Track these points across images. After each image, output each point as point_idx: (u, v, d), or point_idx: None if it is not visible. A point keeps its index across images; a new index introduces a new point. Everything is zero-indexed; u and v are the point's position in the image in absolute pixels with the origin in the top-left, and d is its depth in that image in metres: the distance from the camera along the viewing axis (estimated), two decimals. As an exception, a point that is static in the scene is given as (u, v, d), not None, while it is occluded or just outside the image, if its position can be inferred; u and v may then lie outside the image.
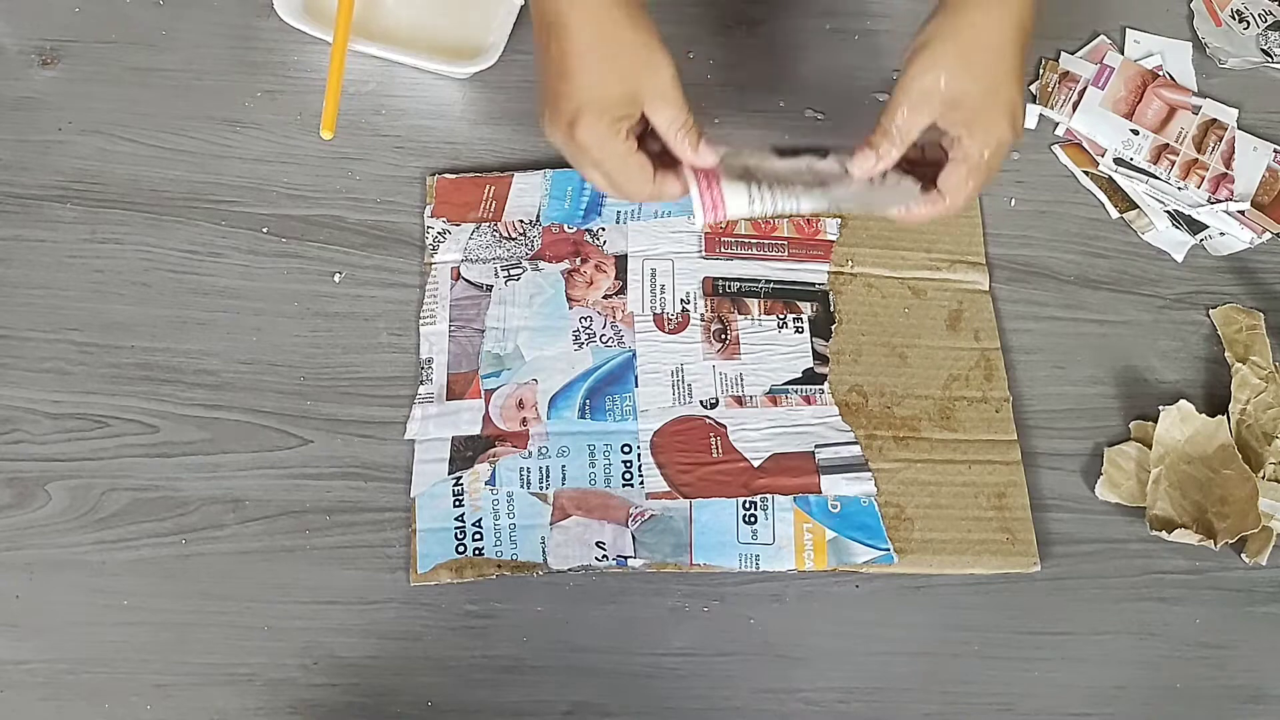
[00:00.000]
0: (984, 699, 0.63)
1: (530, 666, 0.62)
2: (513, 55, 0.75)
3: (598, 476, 0.65)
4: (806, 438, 0.67)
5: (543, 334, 0.68)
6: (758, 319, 0.70)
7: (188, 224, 0.71)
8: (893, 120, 0.62)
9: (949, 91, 0.62)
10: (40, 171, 0.71)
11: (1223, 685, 0.65)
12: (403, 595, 0.62)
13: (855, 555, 0.64)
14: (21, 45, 0.75)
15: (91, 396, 0.65)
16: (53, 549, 0.62)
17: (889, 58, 0.73)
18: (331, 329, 0.68)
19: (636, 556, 0.63)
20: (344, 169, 0.73)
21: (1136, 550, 0.67)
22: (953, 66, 0.62)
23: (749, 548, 0.63)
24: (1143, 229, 0.77)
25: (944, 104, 0.62)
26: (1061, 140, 0.80)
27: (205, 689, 0.60)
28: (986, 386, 0.70)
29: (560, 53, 0.60)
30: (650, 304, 0.70)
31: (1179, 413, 0.68)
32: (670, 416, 0.67)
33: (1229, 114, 0.80)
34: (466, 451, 0.65)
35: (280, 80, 0.76)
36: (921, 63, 0.62)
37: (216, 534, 0.63)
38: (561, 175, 0.73)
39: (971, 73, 0.62)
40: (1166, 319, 0.74)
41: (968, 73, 0.62)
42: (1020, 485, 0.67)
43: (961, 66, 0.62)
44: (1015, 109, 0.62)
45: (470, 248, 0.71)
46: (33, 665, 0.59)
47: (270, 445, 0.65)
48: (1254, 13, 0.85)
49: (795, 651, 0.63)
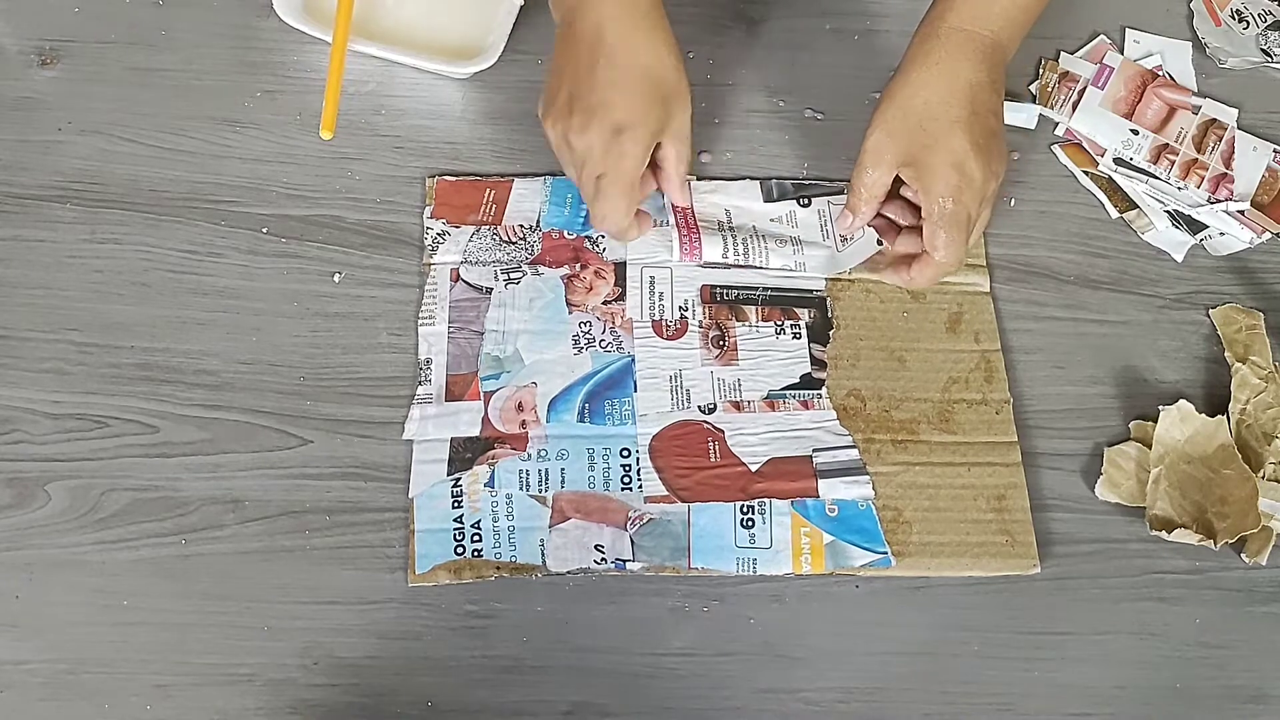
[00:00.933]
0: (984, 699, 0.63)
1: (530, 666, 0.62)
2: (513, 55, 0.75)
3: (597, 480, 0.65)
4: (804, 442, 0.67)
5: (542, 338, 0.68)
6: (755, 325, 0.70)
7: (187, 224, 0.71)
8: (860, 180, 0.68)
9: (897, 148, 0.67)
10: (40, 171, 0.71)
11: (1223, 685, 0.65)
12: (403, 595, 0.62)
13: (853, 559, 0.64)
14: (21, 45, 0.76)
15: (91, 396, 0.65)
16: (53, 549, 0.62)
17: (889, 58, 0.73)
18: (331, 329, 0.68)
19: (635, 560, 0.63)
20: (344, 169, 0.73)
21: (1136, 550, 0.67)
22: (894, 124, 0.67)
23: (746, 552, 0.63)
24: (1142, 229, 0.77)
25: (897, 161, 0.67)
26: (1061, 140, 0.80)
27: (205, 689, 0.60)
28: (987, 388, 0.70)
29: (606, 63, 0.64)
30: (649, 310, 0.70)
31: (1179, 413, 0.68)
32: (669, 421, 0.67)
33: (1229, 114, 0.80)
34: (465, 453, 0.65)
35: (280, 80, 0.76)
36: (873, 122, 0.68)
37: (216, 534, 0.63)
38: (562, 182, 0.74)
39: (909, 129, 0.67)
40: (1166, 319, 0.74)
41: (907, 130, 0.67)
42: (1020, 487, 0.67)
43: (902, 124, 0.67)
44: (961, 158, 0.66)
45: (470, 250, 0.71)
46: (33, 665, 0.60)
47: (270, 445, 0.65)
48: (1254, 13, 0.85)
49: (795, 651, 0.63)
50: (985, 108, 0.67)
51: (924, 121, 0.66)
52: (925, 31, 0.69)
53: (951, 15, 0.68)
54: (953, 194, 0.65)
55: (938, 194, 0.66)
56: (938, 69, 0.67)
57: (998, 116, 0.69)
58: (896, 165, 0.67)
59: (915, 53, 0.68)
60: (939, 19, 0.68)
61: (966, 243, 0.67)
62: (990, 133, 0.67)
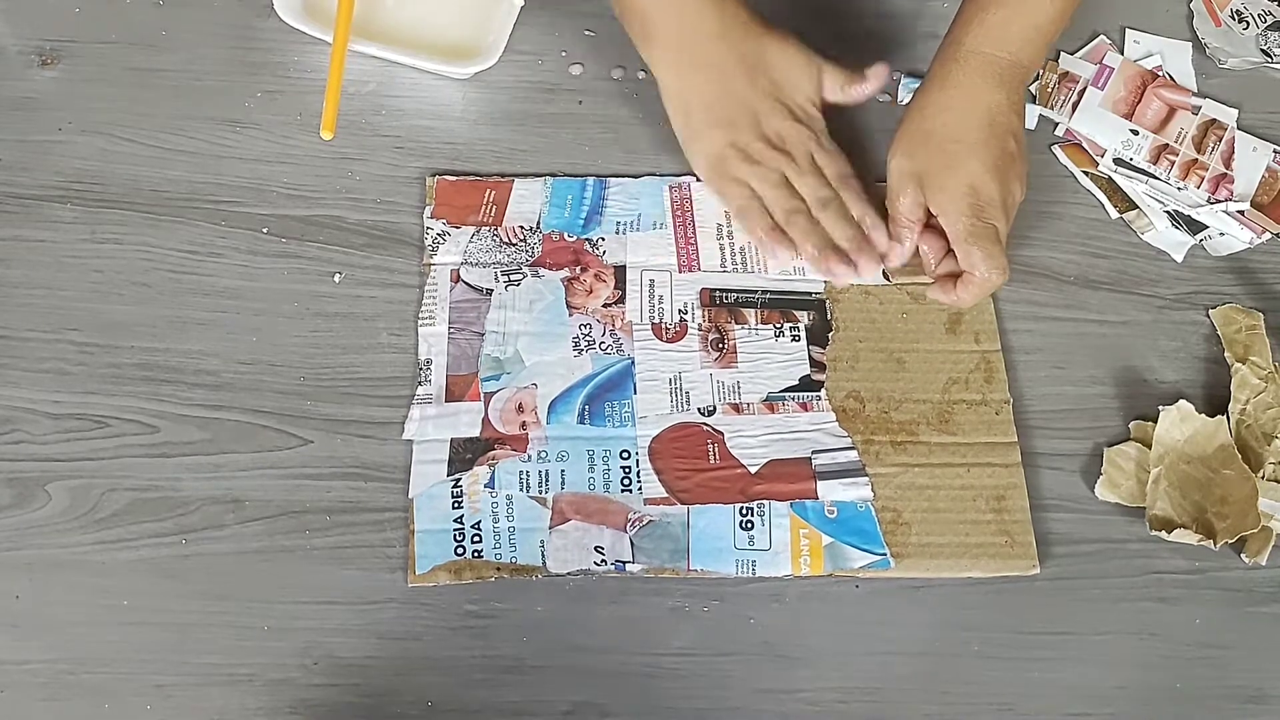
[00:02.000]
0: (984, 699, 0.63)
1: (530, 666, 0.62)
2: (513, 55, 0.76)
3: (597, 481, 0.65)
4: (803, 444, 0.67)
5: (543, 339, 0.68)
6: (754, 328, 0.70)
7: (187, 224, 0.71)
8: (895, 207, 0.70)
9: (917, 170, 0.69)
10: (40, 171, 0.71)
11: (1223, 685, 0.65)
12: (403, 595, 0.62)
13: (851, 560, 0.64)
14: (21, 45, 0.76)
15: (91, 396, 0.65)
16: (53, 549, 0.62)
17: (889, 58, 0.73)
18: (331, 329, 0.68)
19: (635, 562, 0.63)
20: (344, 169, 0.73)
21: (1136, 550, 0.67)
22: (914, 147, 0.69)
23: (745, 553, 0.63)
24: (1142, 229, 0.77)
25: (920, 184, 0.68)
26: (1061, 140, 0.80)
27: (205, 689, 0.60)
28: (986, 389, 0.70)
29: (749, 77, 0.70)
30: (649, 313, 0.70)
31: (1179, 413, 0.68)
32: (668, 423, 0.67)
33: (1229, 114, 0.80)
34: (465, 454, 0.65)
35: (280, 80, 0.76)
36: (893, 148, 0.70)
37: (216, 534, 0.63)
38: (562, 183, 0.74)
39: (929, 152, 0.69)
40: (1166, 319, 0.74)
41: (927, 153, 0.69)
42: (1020, 488, 0.67)
43: (922, 146, 0.69)
44: (977, 180, 0.67)
45: (470, 251, 0.71)
46: (33, 665, 0.59)
47: (270, 445, 0.65)
48: (1254, 13, 0.85)
49: (795, 651, 0.63)
50: (1003, 129, 0.68)
51: (943, 144, 0.68)
52: (945, 55, 0.70)
53: (969, 39, 0.69)
54: (972, 212, 0.67)
55: (957, 213, 0.67)
56: (956, 91, 0.68)
57: (1016, 138, 0.69)
58: (921, 186, 0.68)
59: (935, 75, 0.69)
60: (957, 42, 0.69)
61: (1003, 254, 0.67)
62: (1008, 155, 0.68)
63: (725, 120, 0.70)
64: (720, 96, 0.70)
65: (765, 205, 0.70)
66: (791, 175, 0.70)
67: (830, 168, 0.70)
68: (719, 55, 0.69)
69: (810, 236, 0.69)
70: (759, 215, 0.70)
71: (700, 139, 0.71)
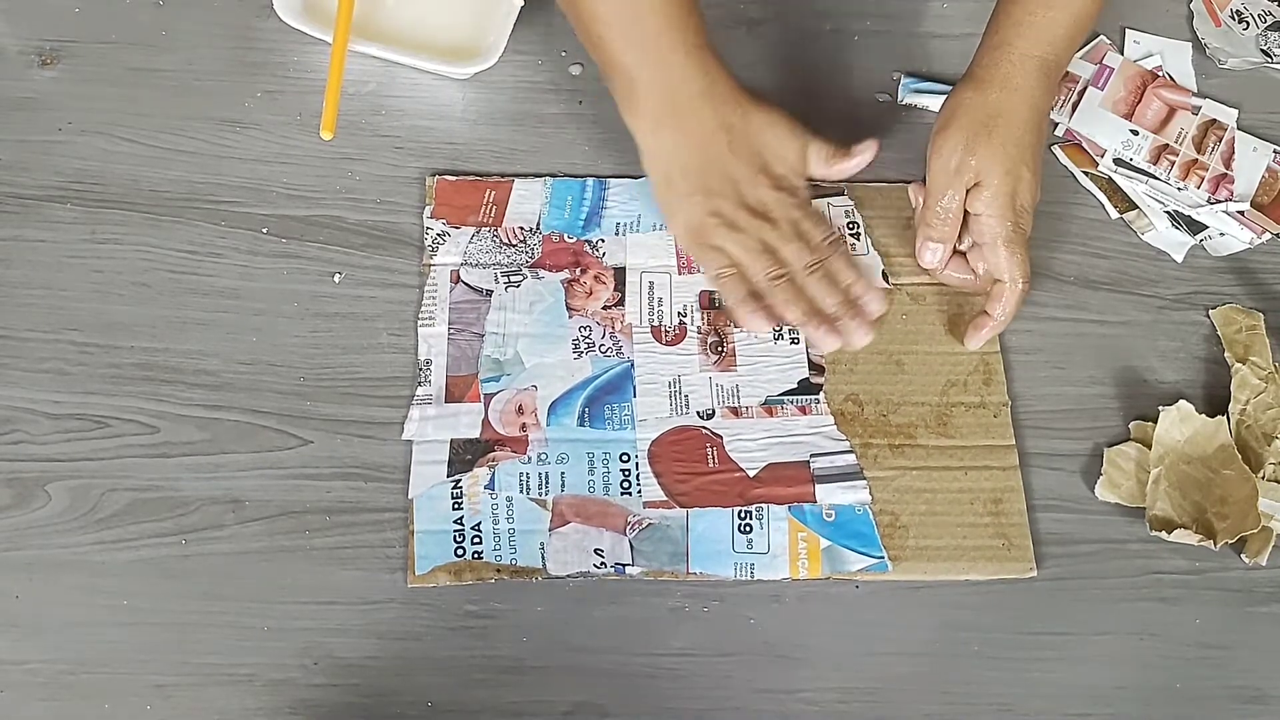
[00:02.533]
0: (984, 699, 0.63)
1: (530, 667, 0.62)
2: (513, 55, 0.75)
3: (596, 484, 0.65)
4: (802, 447, 0.67)
5: (542, 341, 0.68)
6: (753, 331, 0.70)
7: (187, 224, 0.71)
8: (938, 202, 0.68)
9: (966, 170, 0.67)
10: (40, 171, 0.71)
11: (1223, 685, 0.65)
12: (402, 595, 0.62)
13: (849, 563, 0.64)
14: (21, 45, 0.76)
15: (91, 396, 0.65)
16: (53, 549, 0.62)
17: (889, 58, 0.73)
18: (331, 329, 0.68)
19: (634, 564, 0.63)
20: (344, 169, 0.73)
21: (1136, 550, 0.67)
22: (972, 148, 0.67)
23: (744, 556, 0.63)
24: (1142, 229, 0.77)
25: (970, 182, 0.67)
26: (1061, 140, 0.80)
27: (205, 689, 0.60)
28: (985, 391, 0.70)
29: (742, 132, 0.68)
30: (648, 316, 0.70)
31: (1179, 413, 0.68)
32: (668, 426, 0.67)
33: (1229, 114, 0.80)
34: (465, 455, 0.65)
35: (280, 80, 0.76)
36: (941, 145, 0.68)
37: (216, 534, 0.63)
38: (562, 184, 0.74)
39: (991, 151, 0.67)
40: (1166, 319, 0.74)
41: (990, 152, 0.67)
42: (1017, 490, 0.67)
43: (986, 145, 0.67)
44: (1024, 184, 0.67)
45: (470, 252, 0.71)
46: (33, 665, 0.60)
47: (270, 445, 0.65)
48: (1254, 13, 0.85)
49: (795, 652, 0.63)
50: (1043, 133, 0.69)
51: (1004, 146, 0.67)
52: (996, 55, 0.69)
53: (1021, 42, 0.68)
54: (1015, 216, 0.67)
55: (1001, 217, 0.67)
56: (1017, 95, 0.67)
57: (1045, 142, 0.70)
58: (969, 184, 0.68)
59: (989, 75, 0.68)
60: (1008, 44, 0.68)
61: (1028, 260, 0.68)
62: (1039, 159, 0.69)
63: (706, 187, 0.68)
64: (702, 163, 0.68)
65: (745, 273, 0.68)
66: (774, 242, 0.68)
67: (816, 234, 0.69)
68: (703, 120, 0.67)
69: (795, 303, 0.67)
70: (736, 283, 0.68)
71: (680, 205, 0.69)
